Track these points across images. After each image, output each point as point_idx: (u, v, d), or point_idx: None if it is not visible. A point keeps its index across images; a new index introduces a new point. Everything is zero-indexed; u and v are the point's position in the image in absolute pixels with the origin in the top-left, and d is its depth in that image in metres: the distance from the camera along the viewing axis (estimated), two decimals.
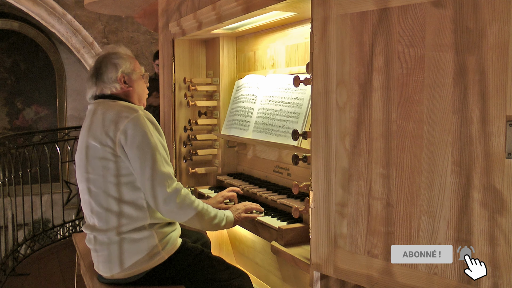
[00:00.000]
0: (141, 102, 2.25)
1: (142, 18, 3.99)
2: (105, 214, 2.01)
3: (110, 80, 2.15)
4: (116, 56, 2.19)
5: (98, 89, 2.17)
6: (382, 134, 1.51)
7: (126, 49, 2.29)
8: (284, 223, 2.08)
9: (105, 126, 2.01)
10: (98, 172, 2.01)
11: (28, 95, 7.81)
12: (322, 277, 1.73)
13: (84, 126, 2.15)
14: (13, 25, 7.49)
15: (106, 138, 1.99)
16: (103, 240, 2.03)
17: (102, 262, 2.06)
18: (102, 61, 2.19)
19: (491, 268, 1.30)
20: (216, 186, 2.90)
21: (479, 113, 1.29)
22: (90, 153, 2.04)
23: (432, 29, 1.37)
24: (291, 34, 2.42)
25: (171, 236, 2.08)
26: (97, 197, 2.03)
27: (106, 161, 2.00)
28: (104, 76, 2.16)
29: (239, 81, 2.78)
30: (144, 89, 2.26)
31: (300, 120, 2.17)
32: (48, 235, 5.25)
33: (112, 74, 2.15)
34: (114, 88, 2.15)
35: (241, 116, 2.61)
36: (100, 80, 2.16)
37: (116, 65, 2.16)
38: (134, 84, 2.20)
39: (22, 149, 4.91)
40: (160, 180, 1.94)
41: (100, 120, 2.04)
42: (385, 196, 1.51)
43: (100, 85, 2.16)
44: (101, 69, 2.17)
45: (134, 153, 1.96)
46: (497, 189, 1.27)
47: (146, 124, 2.00)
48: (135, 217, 2.00)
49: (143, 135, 1.97)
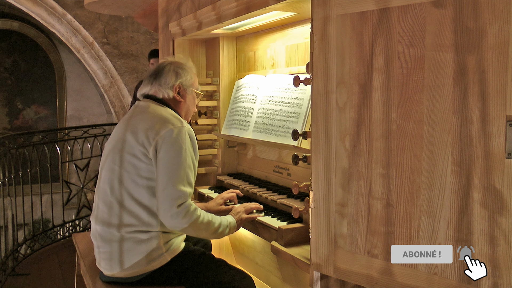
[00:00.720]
0: (187, 117, 2.28)
1: (142, 18, 3.99)
2: (118, 209, 2.01)
3: (166, 85, 2.18)
4: (181, 66, 2.22)
5: (152, 90, 2.19)
6: (382, 134, 1.51)
7: (193, 65, 2.32)
8: (284, 223, 2.07)
9: (148, 126, 2.02)
10: (126, 167, 2.02)
11: (28, 95, 7.80)
12: (322, 277, 1.73)
13: (125, 118, 2.17)
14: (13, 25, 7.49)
15: (144, 138, 2.00)
16: (106, 236, 2.02)
17: (103, 259, 2.06)
18: (166, 66, 2.22)
19: (491, 268, 1.30)
20: (216, 186, 2.90)
21: (479, 113, 1.29)
22: (124, 146, 2.04)
23: (432, 29, 1.37)
24: (291, 34, 2.42)
25: (176, 240, 2.09)
26: (116, 191, 2.03)
27: (136, 159, 2.01)
28: (162, 79, 2.18)
29: (239, 81, 2.78)
30: (193, 107, 2.29)
31: (300, 120, 2.17)
32: (48, 235, 5.25)
33: (170, 80, 2.18)
34: (166, 94, 2.18)
35: (241, 116, 2.61)
36: (157, 82, 2.19)
37: (177, 74, 2.19)
38: (186, 98, 2.23)
39: (22, 149, 4.91)
40: (174, 197, 1.94)
41: (144, 119, 2.06)
42: (385, 196, 1.51)
43: (155, 86, 2.19)
44: (162, 72, 2.20)
45: (164, 162, 1.96)
46: (497, 189, 1.27)
47: (186, 139, 2.01)
48: (146, 222, 2.00)
49: (178, 149, 1.98)
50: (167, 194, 1.94)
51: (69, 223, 5.50)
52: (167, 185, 1.94)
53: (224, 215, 2.20)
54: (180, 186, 1.95)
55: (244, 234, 2.79)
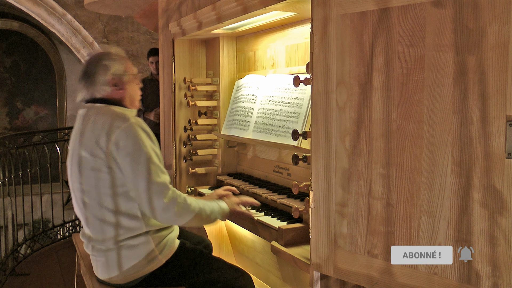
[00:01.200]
0: (133, 104, 2.17)
1: (142, 18, 3.99)
2: (101, 225, 1.98)
3: (100, 83, 2.06)
4: (107, 57, 2.10)
5: (89, 93, 2.09)
6: (382, 134, 1.51)
7: (118, 49, 2.19)
8: (284, 223, 2.07)
9: (96, 136, 1.94)
10: (92, 183, 1.96)
11: (28, 95, 7.81)
12: (322, 277, 1.73)
13: (75, 133, 2.08)
14: (13, 25, 7.49)
15: (97, 149, 1.93)
16: (100, 247, 2.01)
17: (100, 267, 2.05)
18: (92, 63, 2.10)
19: (491, 268, 1.30)
20: (216, 186, 2.90)
21: (479, 113, 1.29)
22: (82, 164, 1.98)
23: (432, 29, 1.37)
24: (291, 34, 2.42)
25: (168, 239, 2.07)
26: (92, 209, 1.99)
27: (99, 172, 1.94)
28: (94, 78, 2.07)
29: (239, 81, 2.78)
30: (136, 91, 2.18)
31: (300, 120, 2.17)
32: (48, 235, 5.25)
33: (102, 76, 2.06)
34: (104, 91, 2.07)
35: (241, 116, 2.61)
36: (90, 83, 2.08)
37: (106, 67, 2.07)
38: (125, 86, 2.11)
39: (22, 149, 4.91)
40: (157, 191, 1.90)
41: (91, 130, 1.97)
42: (385, 196, 1.51)
43: (90, 88, 2.08)
44: (91, 71, 2.08)
45: (128, 165, 1.90)
46: (497, 189, 1.27)
47: (138, 133, 1.93)
48: (131, 227, 1.97)
49: (136, 146, 1.91)
50: (149, 192, 1.90)
51: (69, 223, 5.50)
52: (144, 184, 1.90)
53: None
54: (156, 179, 1.91)
55: (244, 234, 2.79)
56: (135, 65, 2.23)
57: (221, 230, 3.03)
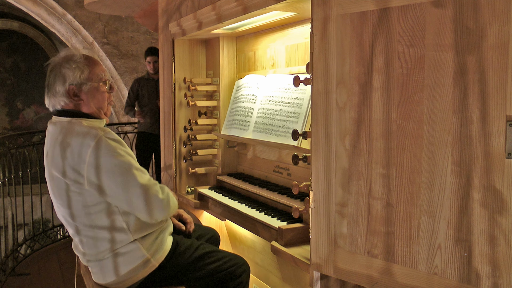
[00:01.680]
0: (101, 112, 2.02)
1: (142, 18, 3.99)
2: (87, 241, 1.95)
3: (58, 94, 1.93)
4: (65, 64, 1.94)
5: (50, 104, 1.98)
6: (382, 134, 1.51)
7: (81, 54, 1.99)
8: (284, 223, 2.07)
9: (67, 159, 1.84)
10: (69, 203, 1.91)
11: (28, 95, 7.81)
12: (322, 277, 1.73)
13: (46, 152, 1.98)
14: (13, 25, 7.50)
15: (71, 172, 1.84)
16: (93, 258, 1.99)
17: (95, 273, 2.04)
18: (52, 70, 1.96)
19: (491, 268, 1.30)
20: (216, 186, 2.90)
21: (479, 113, 1.29)
22: (55, 184, 1.92)
23: (432, 29, 1.37)
24: (291, 34, 2.42)
25: (160, 242, 2.03)
26: (72, 226, 1.96)
27: (72, 193, 1.88)
28: (52, 89, 1.94)
29: (239, 81, 2.78)
30: (103, 99, 2.01)
31: (300, 120, 2.17)
32: (48, 235, 5.25)
33: (59, 87, 1.93)
34: (63, 103, 1.94)
35: (241, 116, 2.61)
36: (50, 93, 1.95)
37: (63, 76, 1.92)
38: (87, 96, 1.95)
39: (22, 149, 4.92)
40: (147, 194, 1.86)
41: (58, 150, 1.86)
42: (385, 196, 1.51)
43: (51, 99, 1.96)
44: (49, 81, 1.95)
45: (112, 181, 1.82)
46: (497, 189, 1.27)
47: (109, 145, 1.83)
48: (118, 240, 1.93)
49: (112, 160, 1.82)
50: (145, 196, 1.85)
51: None
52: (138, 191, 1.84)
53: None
54: (140, 180, 1.85)
55: (244, 234, 2.79)
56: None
57: (221, 230, 3.03)
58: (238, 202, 2.45)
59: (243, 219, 2.33)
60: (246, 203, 2.40)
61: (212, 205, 2.69)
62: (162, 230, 2.07)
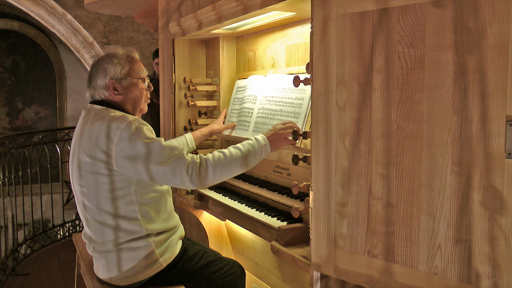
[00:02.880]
0: (136, 110, 2.12)
1: (142, 18, 3.99)
2: (100, 228, 1.98)
3: (98, 87, 2.04)
4: (109, 59, 2.05)
5: (90, 94, 2.09)
6: (382, 134, 1.51)
7: (127, 50, 2.13)
8: (284, 223, 2.07)
9: (96, 140, 1.90)
10: (91, 186, 1.94)
11: (28, 95, 7.81)
12: (322, 277, 1.73)
13: (74, 135, 2.06)
14: (13, 25, 7.49)
15: (97, 152, 1.89)
16: (101, 249, 2.01)
17: (100, 267, 2.05)
18: (95, 64, 2.08)
19: (491, 268, 1.30)
20: (216, 186, 2.90)
21: (479, 113, 1.29)
22: (82, 167, 1.95)
23: (432, 29, 1.37)
24: (291, 34, 2.42)
25: (170, 242, 2.05)
26: (92, 212, 1.98)
27: (99, 175, 1.91)
28: (94, 81, 2.05)
29: (238, 81, 2.78)
30: (140, 96, 2.11)
31: (300, 120, 2.17)
32: (48, 235, 5.25)
33: (100, 80, 2.04)
34: (103, 95, 2.05)
35: (241, 116, 2.61)
36: (91, 85, 2.07)
37: (105, 70, 2.03)
38: (126, 91, 2.06)
39: (22, 149, 4.92)
40: (176, 170, 1.85)
41: (89, 133, 1.94)
42: (385, 196, 1.51)
43: (91, 90, 2.07)
44: (92, 73, 2.07)
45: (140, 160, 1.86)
46: (497, 189, 1.27)
47: (140, 129, 1.90)
48: (131, 230, 1.96)
49: (141, 143, 1.86)
50: (168, 174, 1.86)
51: (69, 223, 5.51)
52: (161, 169, 1.85)
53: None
54: (170, 159, 1.86)
55: (244, 234, 2.79)
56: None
57: (221, 230, 3.03)
58: (238, 202, 2.45)
59: (243, 219, 2.33)
60: (246, 203, 2.40)
61: (212, 205, 2.69)
62: (174, 232, 2.09)
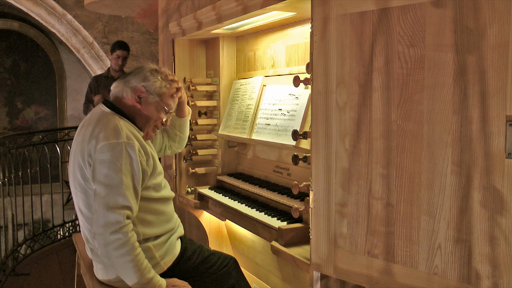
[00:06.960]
0: (144, 127, 2.04)
1: (142, 18, 3.99)
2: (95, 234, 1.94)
3: (129, 84, 2.01)
4: (155, 73, 2.04)
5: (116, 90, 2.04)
6: (382, 134, 1.51)
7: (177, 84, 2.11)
8: (284, 223, 2.07)
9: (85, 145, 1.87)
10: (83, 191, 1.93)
11: (28, 95, 7.81)
12: (322, 277, 1.73)
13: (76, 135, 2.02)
14: (13, 25, 7.49)
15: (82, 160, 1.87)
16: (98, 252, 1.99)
17: (99, 270, 2.05)
18: (141, 68, 2.07)
19: (491, 268, 1.30)
20: (216, 186, 2.90)
21: (479, 113, 1.29)
22: (76, 171, 1.94)
23: (432, 29, 1.37)
24: (291, 34, 2.42)
25: (170, 243, 2.04)
26: (87, 218, 1.97)
27: (88, 183, 1.88)
28: (129, 77, 2.03)
29: (237, 82, 2.78)
30: (153, 119, 2.04)
31: (300, 120, 2.17)
32: (48, 235, 5.25)
33: (135, 80, 2.01)
34: (125, 94, 2.01)
35: (238, 117, 2.61)
36: (124, 79, 2.04)
37: (145, 77, 2.01)
38: (146, 106, 2.00)
39: (22, 149, 4.91)
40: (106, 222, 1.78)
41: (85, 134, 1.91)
42: (385, 196, 1.51)
43: (121, 83, 2.03)
44: (133, 72, 2.06)
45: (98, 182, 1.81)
46: (497, 189, 1.27)
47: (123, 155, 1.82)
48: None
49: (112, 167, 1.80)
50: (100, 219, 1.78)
51: (69, 223, 5.50)
52: (98, 208, 1.79)
53: None
54: (113, 210, 1.78)
55: (244, 234, 2.79)
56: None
57: (221, 230, 3.03)
58: (238, 202, 2.45)
59: (243, 219, 2.33)
60: (246, 203, 2.40)
61: (212, 205, 2.69)
62: (173, 232, 2.08)
